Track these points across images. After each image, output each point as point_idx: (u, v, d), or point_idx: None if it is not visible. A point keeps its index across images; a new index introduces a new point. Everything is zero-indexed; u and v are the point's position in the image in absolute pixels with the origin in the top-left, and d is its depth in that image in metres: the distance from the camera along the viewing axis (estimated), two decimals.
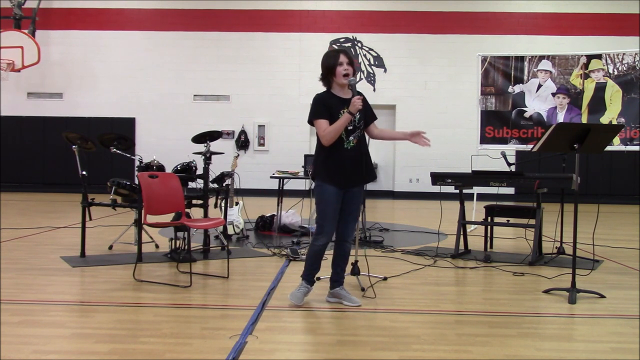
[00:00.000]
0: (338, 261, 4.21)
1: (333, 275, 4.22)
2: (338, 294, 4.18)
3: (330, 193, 4.01)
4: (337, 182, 4.01)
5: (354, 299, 4.16)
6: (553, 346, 3.34)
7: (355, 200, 4.13)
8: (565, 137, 4.48)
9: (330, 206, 4.03)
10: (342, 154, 4.01)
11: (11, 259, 5.66)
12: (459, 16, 14.65)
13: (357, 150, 4.05)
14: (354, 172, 4.05)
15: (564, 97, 8.18)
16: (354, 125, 4.03)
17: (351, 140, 4.03)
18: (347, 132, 4.01)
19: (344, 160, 4.01)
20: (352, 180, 4.06)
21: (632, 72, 7.80)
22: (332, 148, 4.01)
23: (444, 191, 6.29)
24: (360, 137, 4.09)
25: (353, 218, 4.16)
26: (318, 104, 4.05)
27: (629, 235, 8.17)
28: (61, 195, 13.46)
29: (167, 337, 3.37)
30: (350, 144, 4.03)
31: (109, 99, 14.90)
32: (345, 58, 4.02)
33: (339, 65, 4.00)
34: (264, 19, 14.77)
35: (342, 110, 3.99)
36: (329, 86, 4.13)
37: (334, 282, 4.21)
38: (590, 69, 8.02)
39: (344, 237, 4.16)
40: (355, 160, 4.04)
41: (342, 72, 3.99)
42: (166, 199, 5.11)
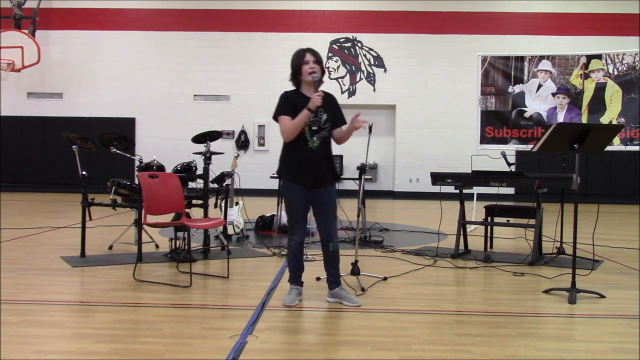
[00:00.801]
0: (329, 262, 4.19)
1: (328, 277, 4.22)
2: (337, 294, 4.18)
3: (295, 193, 4.05)
4: (301, 182, 4.03)
5: (354, 299, 4.16)
6: (553, 346, 3.34)
7: (326, 200, 4.09)
8: (565, 137, 4.48)
9: (296, 206, 4.08)
10: (305, 153, 4.00)
11: (11, 259, 5.66)
12: (459, 16, 14.65)
13: (320, 150, 4.03)
14: (316, 172, 4.03)
15: (564, 97, 8.18)
16: (318, 126, 4.01)
17: (315, 140, 4.01)
18: (312, 132, 4.00)
19: (306, 160, 4.00)
20: (316, 181, 4.04)
21: (632, 72, 7.80)
22: (296, 147, 4.02)
23: (444, 191, 6.29)
24: (324, 139, 4.06)
25: (331, 218, 4.13)
26: (283, 101, 4.06)
27: (629, 235, 8.18)
28: (61, 195, 13.46)
29: (167, 337, 3.37)
30: (314, 144, 4.01)
31: (109, 99, 14.90)
32: (311, 57, 4.02)
33: (305, 63, 4.01)
34: (264, 19, 14.78)
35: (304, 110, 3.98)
36: (298, 85, 4.13)
37: (331, 283, 4.21)
38: (590, 69, 8.02)
39: (328, 237, 4.12)
40: (318, 161, 4.02)
41: (307, 70, 4.00)
42: (166, 199, 5.11)
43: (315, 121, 4.01)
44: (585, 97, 8.06)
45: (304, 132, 4.00)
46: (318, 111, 4.01)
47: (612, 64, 7.90)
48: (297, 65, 4.05)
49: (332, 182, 4.15)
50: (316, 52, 4.09)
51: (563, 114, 8.18)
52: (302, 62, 4.03)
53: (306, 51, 4.07)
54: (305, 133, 4.00)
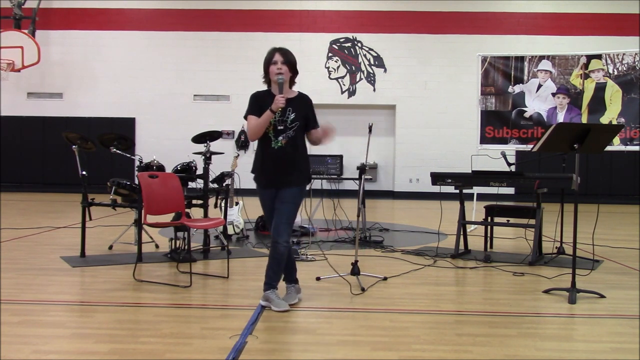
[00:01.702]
0: (269, 263, 4.02)
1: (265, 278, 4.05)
2: (267, 297, 4.00)
3: (262, 194, 4.07)
4: (261, 181, 4.04)
5: (281, 303, 3.95)
6: (553, 346, 3.34)
7: (283, 200, 3.97)
8: (565, 137, 4.48)
9: (264, 206, 4.11)
10: (268, 153, 3.98)
11: (11, 259, 5.65)
12: (459, 16, 14.65)
13: (284, 151, 3.97)
14: (276, 172, 3.97)
15: (564, 97, 8.18)
16: (284, 125, 3.97)
17: (280, 140, 3.96)
18: (277, 132, 3.96)
19: (268, 159, 3.99)
20: (274, 181, 3.99)
21: (632, 72, 7.80)
22: (261, 147, 4.04)
23: (444, 191, 6.29)
24: (291, 138, 3.98)
25: (284, 218, 3.95)
26: (251, 101, 4.07)
27: (629, 235, 8.17)
28: (61, 195, 13.46)
29: (167, 337, 3.37)
30: (277, 144, 3.97)
31: (109, 99, 14.90)
32: (280, 57, 3.99)
33: (273, 64, 3.99)
34: (264, 19, 14.78)
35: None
36: (268, 84, 4.12)
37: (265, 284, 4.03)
38: (590, 69, 8.02)
39: (274, 237, 3.95)
40: (281, 161, 3.97)
41: (274, 70, 3.98)
42: (166, 199, 5.11)
43: (281, 121, 3.97)
44: (585, 97, 8.06)
45: (268, 132, 3.97)
46: (286, 111, 3.97)
47: (612, 64, 7.90)
48: (266, 65, 4.04)
49: (297, 184, 4.02)
50: (287, 53, 4.04)
51: (563, 114, 8.18)
52: (270, 62, 4.01)
53: (276, 51, 4.03)
54: (269, 133, 3.97)
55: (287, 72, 3.99)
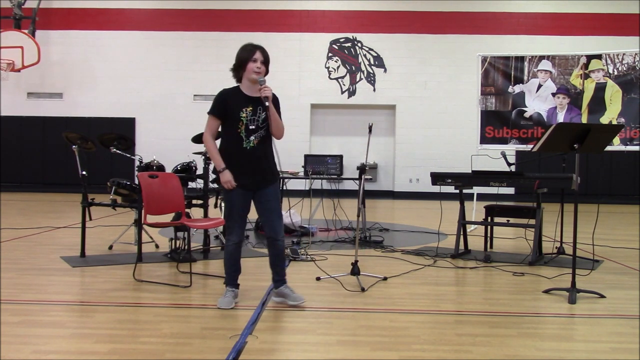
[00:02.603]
0: (274, 261, 4.09)
1: (274, 275, 4.12)
2: (282, 293, 4.10)
3: (234, 193, 3.95)
4: (240, 184, 3.93)
5: (298, 297, 4.07)
6: (553, 346, 3.34)
7: (269, 198, 4.00)
8: (565, 137, 4.48)
9: (235, 206, 3.97)
10: (241, 153, 3.92)
11: (11, 259, 5.65)
12: (459, 16, 14.65)
13: (258, 150, 3.95)
14: (255, 173, 3.95)
15: (564, 97, 8.18)
16: (256, 125, 3.93)
17: (252, 140, 3.93)
18: (248, 132, 3.91)
19: (242, 161, 3.93)
20: (256, 182, 3.97)
21: (632, 72, 7.80)
22: (231, 147, 3.94)
23: (444, 191, 6.29)
24: (262, 138, 3.96)
25: (276, 215, 4.03)
26: (218, 100, 3.97)
27: (629, 235, 8.17)
28: (61, 195, 13.46)
29: (167, 337, 3.37)
30: (250, 144, 3.93)
31: (109, 99, 14.90)
32: (260, 56, 3.94)
33: (253, 61, 3.92)
34: (264, 19, 14.78)
35: (244, 108, 3.91)
36: (239, 80, 4.05)
37: (277, 282, 4.11)
38: (590, 69, 8.02)
39: (273, 235, 4.02)
40: (256, 161, 3.95)
41: (253, 68, 3.91)
42: (166, 199, 5.11)
43: (254, 120, 3.92)
44: (585, 97, 8.06)
45: (239, 132, 3.90)
46: (257, 110, 3.94)
47: (612, 64, 7.90)
48: (244, 60, 3.94)
49: (274, 181, 4.06)
50: (266, 52, 4.01)
51: (563, 114, 8.18)
52: (250, 59, 3.92)
53: (257, 48, 3.97)
54: (240, 133, 3.90)
55: (264, 72, 3.96)
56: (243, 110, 3.91)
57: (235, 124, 3.91)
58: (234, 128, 3.92)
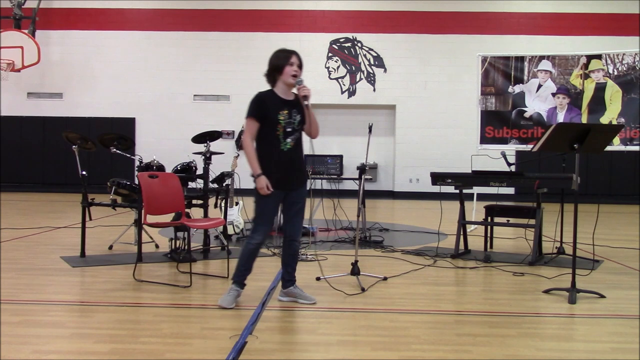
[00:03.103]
0: (289, 260, 4.18)
1: (285, 275, 4.19)
2: (292, 292, 4.16)
3: (268, 195, 3.97)
4: (275, 186, 3.95)
5: (309, 297, 4.14)
6: (553, 346, 3.34)
7: (298, 200, 4.10)
8: (565, 137, 4.48)
9: (267, 207, 4.01)
10: (278, 155, 3.98)
11: (11, 259, 5.65)
12: (459, 16, 14.65)
13: (293, 152, 4.03)
14: (291, 174, 4.03)
15: (564, 97, 8.17)
16: (292, 127, 4.00)
17: (288, 142, 4.00)
18: (285, 134, 3.98)
19: (280, 162, 3.98)
20: (290, 183, 4.04)
21: (632, 72, 7.79)
22: (269, 149, 3.98)
23: (444, 191, 6.29)
24: (297, 140, 4.06)
25: (299, 217, 4.15)
26: (256, 103, 4.00)
27: (629, 235, 8.17)
28: (61, 195, 13.46)
29: (167, 337, 3.37)
30: (287, 146, 4.00)
31: (109, 99, 14.90)
32: (297, 60, 4.02)
33: (290, 65, 3.99)
34: (264, 19, 14.78)
35: (281, 110, 3.96)
36: (273, 84, 4.09)
37: (287, 281, 4.18)
38: (590, 69, 8.02)
39: (293, 236, 4.13)
40: (291, 162, 4.03)
41: (290, 72, 3.98)
42: (166, 199, 5.11)
43: (290, 123, 3.99)
44: (585, 97, 8.05)
45: (278, 134, 3.96)
46: (292, 113, 4.00)
47: (612, 64, 7.90)
48: (281, 65, 4.00)
49: (305, 182, 4.16)
50: (301, 57, 4.09)
51: (563, 114, 8.18)
52: (287, 63, 3.99)
53: (293, 53, 4.05)
54: (279, 135, 3.97)
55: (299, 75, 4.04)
56: (280, 113, 3.97)
57: (274, 127, 3.96)
58: (273, 130, 3.96)
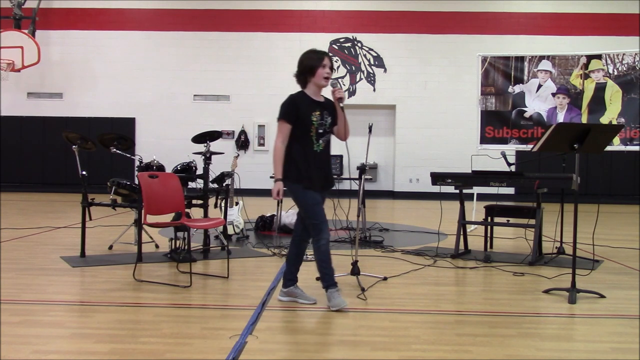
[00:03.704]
0: (294, 260, 4.23)
1: (287, 274, 4.19)
2: (293, 292, 4.18)
3: (312, 195, 3.99)
4: (313, 186, 3.98)
5: (309, 297, 4.15)
6: (553, 346, 3.34)
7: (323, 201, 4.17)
8: (565, 137, 4.48)
9: (317, 205, 4.01)
10: (313, 156, 4.01)
11: (11, 259, 5.65)
12: (459, 16, 14.65)
13: (324, 154, 4.08)
14: (324, 174, 4.09)
15: (564, 97, 8.17)
16: (324, 129, 4.04)
17: (320, 143, 4.04)
18: (318, 135, 4.02)
19: (314, 163, 4.00)
20: (324, 183, 4.10)
21: (632, 72, 7.79)
22: (304, 150, 3.98)
23: (444, 191, 6.29)
24: (327, 142, 4.12)
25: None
26: (289, 105, 4.00)
27: (629, 235, 8.17)
28: (61, 195, 13.46)
29: (167, 337, 3.37)
30: (319, 147, 4.04)
31: (109, 99, 14.90)
32: (329, 62, 4.04)
33: (322, 67, 4.00)
34: (264, 19, 14.77)
35: (313, 112, 3.98)
36: (304, 85, 4.10)
37: (288, 280, 4.19)
38: (590, 69, 8.02)
39: (305, 237, 4.20)
40: (325, 163, 4.10)
41: (323, 74, 3.99)
42: (166, 199, 5.11)
43: (322, 124, 4.03)
44: (585, 97, 8.05)
45: (311, 135, 3.98)
46: (323, 115, 4.03)
47: (612, 64, 7.90)
48: (313, 66, 4.00)
49: (333, 184, 4.23)
50: (332, 59, 4.14)
51: (563, 114, 8.18)
52: (320, 65, 4.00)
53: (325, 55, 4.06)
54: (312, 136, 4.00)
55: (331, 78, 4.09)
56: (313, 115, 3.99)
57: (307, 128, 3.98)
58: (307, 132, 3.98)
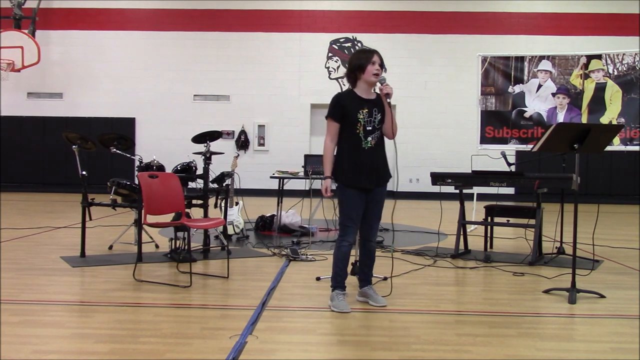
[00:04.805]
0: (365, 261, 4.25)
1: (360, 275, 4.28)
2: (366, 293, 4.21)
3: (352, 195, 4.02)
4: (357, 184, 4.01)
5: (379, 299, 4.16)
6: (553, 346, 3.34)
7: (377, 201, 4.14)
8: (565, 137, 4.48)
9: (353, 208, 4.03)
10: (360, 154, 4.02)
11: (11, 259, 5.65)
12: (459, 16, 14.65)
13: (374, 151, 4.05)
14: (372, 173, 4.05)
15: (564, 97, 8.17)
16: (372, 126, 4.03)
17: (369, 140, 4.03)
18: (366, 133, 4.02)
19: (361, 161, 4.01)
20: (370, 182, 4.05)
21: (632, 72, 7.79)
22: (351, 148, 4.02)
23: (444, 191, 6.29)
24: (378, 138, 4.09)
25: (377, 219, 4.19)
26: (335, 105, 4.05)
27: (629, 235, 8.18)
28: (61, 195, 13.46)
29: (167, 337, 3.37)
30: (368, 144, 4.03)
31: (109, 99, 14.90)
32: (378, 59, 4.04)
33: (372, 64, 4.00)
34: (264, 19, 14.77)
35: (361, 110, 3.99)
36: (354, 84, 4.11)
37: (362, 281, 4.26)
38: (590, 69, 8.02)
39: (369, 237, 4.19)
40: (373, 161, 4.05)
41: (372, 70, 4.00)
42: (166, 199, 5.11)
43: (370, 121, 4.02)
44: (585, 97, 8.05)
45: (358, 133, 3.99)
46: (372, 112, 4.03)
47: (612, 64, 7.90)
48: (363, 64, 4.01)
49: (387, 180, 4.20)
50: (381, 56, 4.12)
51: (563, 114, 8.18)
52: (369, 62, 4.01)
53: (374, 53, 4.07)
54: (359, 133, 4.00)
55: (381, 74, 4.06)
56: (360, 112, 4.00)
57: (354, 125, 4.00)
58: (353, 129, 4.00)
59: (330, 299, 4.07)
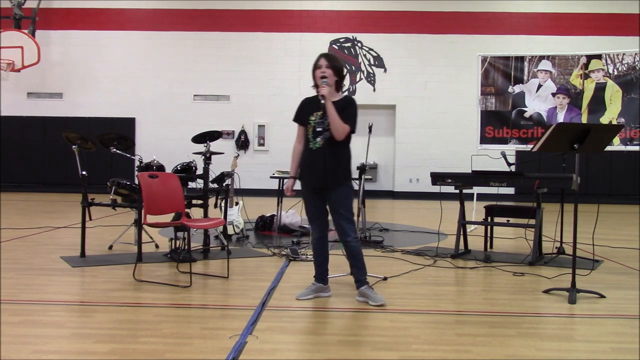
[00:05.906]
0: (349, 261, 4.30)
1: (353, 275, 4.32)
2: (363, 293, 4.22)
3: (305, 194, 4.26)
4: (306, 183, 4.23)
5: (377, 298, 4.16)
6: (553, 346, 3.34)
7: (334, 200, 4.16)
8: (565, 137, 4.48)
9: (307, 206, 4.28)
10: (309, 155, 4.18)
11: (11, 259, 5.65)
12: (459, 16, 14.65)
13: (323, 151, 4.10)
14: (317, 173, 4.13)
15: (564, 97, 8.17)
16: (323, 127, 4.10)
17: (317, 141, 4.11)
18: (315, 134, 4.12)
19: (310, 161, 4.17)
20: (319, 181, 4.14)
21: (632, 72, 7.79)
22: (304, 149, 4.23)
23: (444, 191, 6.29)
24: (328, 140, 4.10)
25: (341, 217, 4.14)
26: (298, 108, 4.29)
27: (629, 235, 8.17)
28: (61, 195, 13.46)
29: (167, 337, 3.37)
30: (316, 145, 4.12)
31: (109, 99, 14.90)
32: (324, 61, 4.12)
33: (317, 68, 4.13)
34: (264, 19, 14.78)
35: (315, 112, 4.13)
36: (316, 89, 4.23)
37: (356, 281, 4.28)
38: (590, 69, 8.02)
39: (341, 236, 4.22)
40: (319, 162, 4.11)
41: (319, 74, 4.11)
42: (166, 199, 5.11)
43: (321, 123, 4.10)
44: (585, 97, 8.05)
45: (308, 134, 4.17)
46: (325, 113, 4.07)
47: (612, 64, 7.90)
48: (313, 70, 4.18)
49: (340, 183, 4.15)
50: (331, 58, 4.18)
51: (563, 114, 8.18)
52: (316, 67, 4.15)
53: (321, 56, 4.18)
54: (309, 135, 4.16)
55: (332, 76, 4.10)
56: (314, 114, 4.14)
57: (307, 127, 4.18)
58: (307, 131, 4.19)
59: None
